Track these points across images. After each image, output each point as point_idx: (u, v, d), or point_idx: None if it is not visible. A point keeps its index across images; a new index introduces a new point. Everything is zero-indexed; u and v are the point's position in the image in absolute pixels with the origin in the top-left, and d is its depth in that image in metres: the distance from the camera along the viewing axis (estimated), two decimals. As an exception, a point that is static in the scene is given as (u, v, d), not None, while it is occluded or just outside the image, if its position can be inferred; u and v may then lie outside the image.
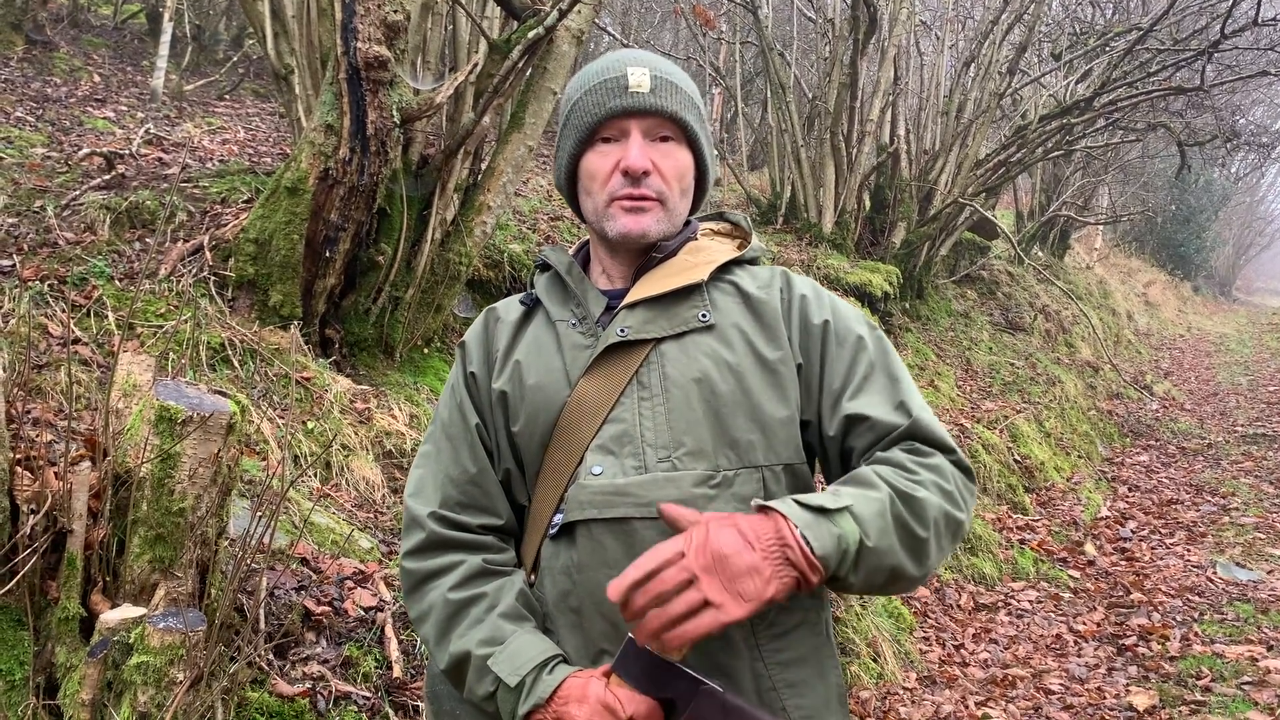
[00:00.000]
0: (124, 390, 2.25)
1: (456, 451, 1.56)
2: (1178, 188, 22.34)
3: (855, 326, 1.56)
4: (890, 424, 1.46)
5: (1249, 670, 4.58)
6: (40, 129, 5.80)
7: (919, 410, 1.48)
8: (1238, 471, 8.95)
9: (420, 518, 1.52)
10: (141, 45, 9.32)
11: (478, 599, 1.45)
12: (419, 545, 1.51)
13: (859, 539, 1.29)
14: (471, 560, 1.49)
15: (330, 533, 3.10)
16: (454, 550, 1.50)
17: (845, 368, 1.52)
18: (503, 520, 1.54)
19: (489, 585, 1.47)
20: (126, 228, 4.24)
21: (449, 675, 1.46)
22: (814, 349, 1.53)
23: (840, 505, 1.30)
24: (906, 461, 1.42)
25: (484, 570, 1.48)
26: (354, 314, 4.31)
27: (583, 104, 1.56)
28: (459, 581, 1.47)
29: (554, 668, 1.37)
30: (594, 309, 1.56)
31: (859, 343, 1.53)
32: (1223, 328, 22.32)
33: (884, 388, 1.50)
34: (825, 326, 1.54)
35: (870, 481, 1.36)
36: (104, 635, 1.92)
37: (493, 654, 1.39)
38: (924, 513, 1.36)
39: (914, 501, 1.35)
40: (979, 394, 8.89)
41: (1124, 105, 10.22)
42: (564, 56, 4.46)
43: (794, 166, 9.21)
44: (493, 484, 1.55)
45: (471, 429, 1.56)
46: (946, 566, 5.58)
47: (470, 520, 1.52)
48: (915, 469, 1.40)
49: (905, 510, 1.34)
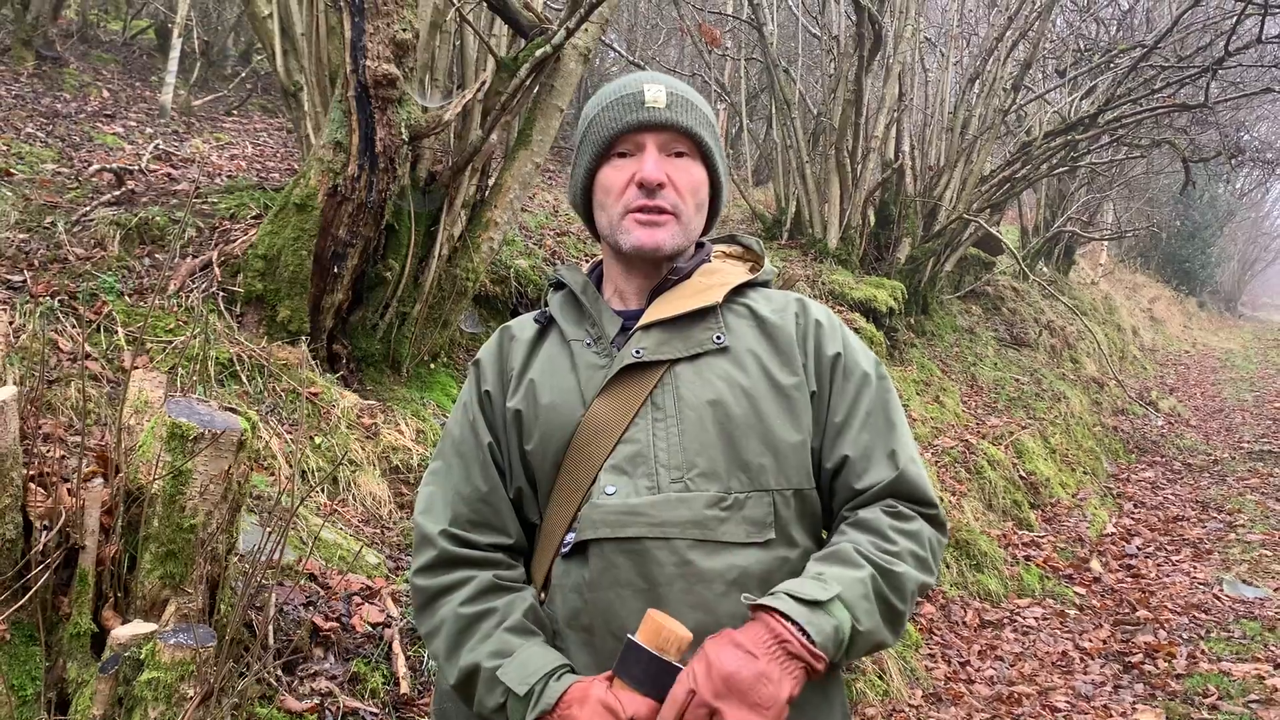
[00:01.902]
0: (135, 407, 2.27)
1: (468, 470, 1.56)
2: (1182, 203, 22.38)
3: (863, 363, 1.58)
4: (877, 475, 1.50)
5: (1256, 688, 4.56)
6: (50, 145, 5.84)
7: (906, 463, 1.51)
8: (1244, 488, 8.93)
9: (431, 535, 1.52)
10: (150, 61, 9.38)
11: (488, 614, 1.46)
12: (430, 562, 1.52)
13: (851, 625, 1.34)
14: (482, 576, 1.50)
15: (338, 548, 3.11)
16: (465, 567, 1.51)
17: (848, 404, 1.54)
18: (512, 540, 1.56)
19: (499, 600, 1.48)
20: (136, 243, 4.26)
21: (459, 689, 1.47)
22: (825, 378, 1.56)
23: (831, 595, 1.34)
24: (887, 528, 1.45)
25: (495, 586, 1.49)
26: (361, 329, 4.33)
27: (600, 119, 1.58)
28: (469, 597, 1.48)
29: (561, 676, 1.39)
30: (609, 329, 1.58)
31: (864, 379, 1.56)
32: (1228, 343, 22.30)
33: (880, 431, 1.53)
34: (837, 359, 1.57)
35: (853, 560, 1.40)
36: (115, 651, 1.93)
37: (501, 665, 1.40)
38: (903, 587, 1.41)
39: (894, 577, 1.40)
40: (984, 409, 8.88)
41: (1128, 122, 10.25)
42: (571, 74, 4.49)
43: (799, 182, 9.23)
44: (503, 503, 1.56)
45: (484, 447, 1.57)
46: (952, 583, 5.57)
47: (480, 538, 1.53)
48: (894, 538, 1.44)
49: (886, 587, 1.40)
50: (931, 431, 7.36)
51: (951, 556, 5.69)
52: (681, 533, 1.42)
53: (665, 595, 1.40)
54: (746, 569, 1.43)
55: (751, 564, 1.44)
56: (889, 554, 1.42)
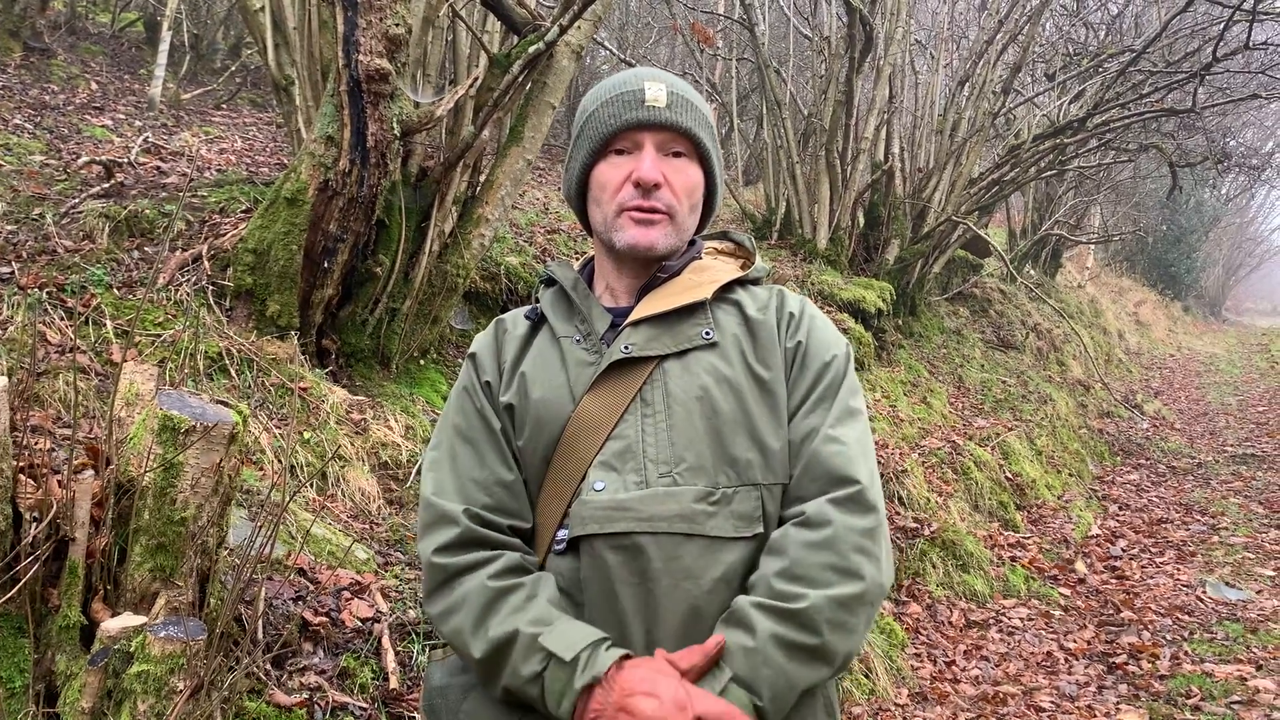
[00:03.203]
0: (126, 399, 2.26)
1: (480, 455, 1.54)
2: (1169, 208, 22.51)
3: (822, 352, 1.58)
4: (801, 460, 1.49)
5: (1238, 689, 4.60)
6: (39, 136, 5.81)
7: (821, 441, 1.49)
8: (1227, 491, 8.99)
9: (453, 514, 1.49)
10: (139, 53, 9.33)
11: (517, 587, 1.44)
12: (451, 541, 1.48)
13: (752, 702, 1.34)
14: (509, 555, 1.47)
15: (327, 543, 3.11)
16: (488, 546, 1.48)
17: (802, 392, 1.55)
18: (528, 525, 1.54)
19: (527, 577, 1.46)
20: (125, 236, 4.24)
21: (485, 662, 1.41)
22: (790, 368, 1.57)
23: (722, 685, 1.34)
24: (792, 547, 1.42)
25: (521, 565, 1.47)
26: (351, 325, 4.32)
27: (598, 115, 1.58)
28: (497, 572, 1.45)
29: (610, 647, 1.37)
30: (599, 326, 1.58)
31: (822, 368, 1.56)
32: (1212, 348, 22.44)
33: (819, 415, 1.52)
34: (798, 348, 1.57)
35: (748, 623, 1.37)
36: (104, 643, 1.92)
37: (543, 632, 1.37)
38: (810, 621, 1.36)
39: (797, 617, 1.36)
40: (971, 411, 8.92)
41: (1116, 126, 10.30)
42: (564, 72, 4.49)
43: (789, 182, 9.25)
44: (519, 486, 1.54)
45: (497, 433, 1.55)
46: (938, 583, 5.59)
47: (501, 520, 1.51)
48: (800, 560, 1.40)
49: (791, 631, 1.36)
50: (919, 432, 7.39)
51: (938, 557, 5.71)
52: (670, 527, 1.41)
53: (654, 590, 1.40)
54: (734, 564, 1.43)
55: (739, 559, 1.44)
56: (790, 592, 1.38)
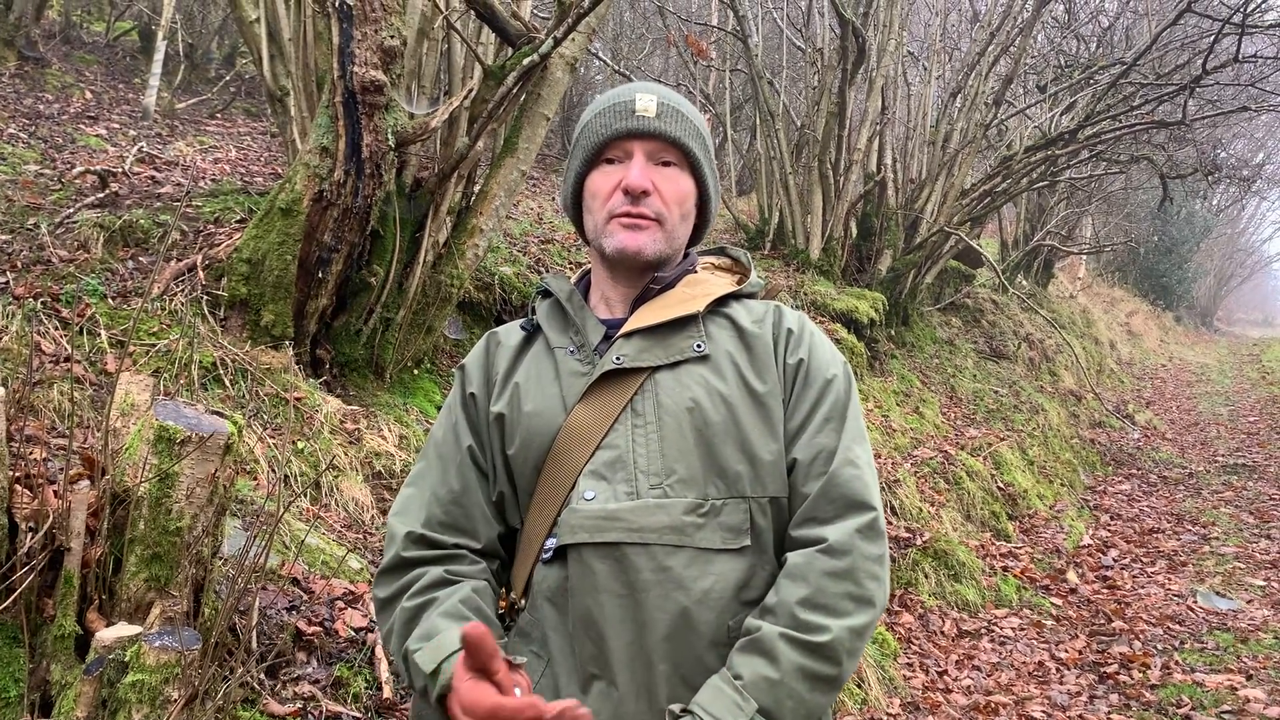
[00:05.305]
0: (122, 410, 2.27)
1: (445, 471, 1.59)
2: (1160, 219, 22.61)
3: (825, 370, 1.58)
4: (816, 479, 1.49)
5: (1228, 699, 4.62)
6: (33, 146, 5.82)
7: (840, 465, 1.50)
8: (1218, 501, 9.02)
9: (396, 537, 1.55)
10: (134, 63, 9.34)
11: (430, 604, 1.47)
12: (388, 565, 1.54)
13: None
14: (433, 571, 1.51)
15: (320, 553, 3.11)
16: (419, 565, 1.52)
17: (806, 410, 1.55)
18: (480, 544, 1.57)
19: (442, 591, 1.49)
20: (120, 246, 4.25)
21: (409, 683, 1.46)
22: (790, 385, 1.57)
23: (750, 714, 1.34)
24: (816, 576, 1.42)
25: (442, 580, 1.50)
26: (345, 334, 4.33)
27: (591, 126, 1.62)
28: (416, 590, 1.49)
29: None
30: (592, 337, 1.60)
31: (825, 386, 1.56)
32: (1204, 358, 22.52)
33: (829, 435, 1.53)
34: (800, 365, 1.58)
35: (772, 653, 1.37)
36: (99, 653, 1.93)
37: (422, 648, 1.40)
38: (833, 653, 1.38)
39: (821, 650, 1.37)
40: (963, 421, 8.95)
41: (1107, 138, 10.37)
42: (558, 83, 4.51)
43: (782, 193, 9.29)
44: (475, 506, 1.57)
45: (463, 450, 1.59)
46: (930, 593, 5.61)
47: (447, 539, 1.55)
48: (825, 589, 1.41)
49: (814, 663, 1.37)
50: (911, 442, 7.41)
51: (930, 566, 5.73)
52: (659, 538, 1.43)
53: (643, 601, 1.41)
54: (723, 574, 1.44)
55: (727, 571, 1.45)
56: (814, 623, 1.38)
